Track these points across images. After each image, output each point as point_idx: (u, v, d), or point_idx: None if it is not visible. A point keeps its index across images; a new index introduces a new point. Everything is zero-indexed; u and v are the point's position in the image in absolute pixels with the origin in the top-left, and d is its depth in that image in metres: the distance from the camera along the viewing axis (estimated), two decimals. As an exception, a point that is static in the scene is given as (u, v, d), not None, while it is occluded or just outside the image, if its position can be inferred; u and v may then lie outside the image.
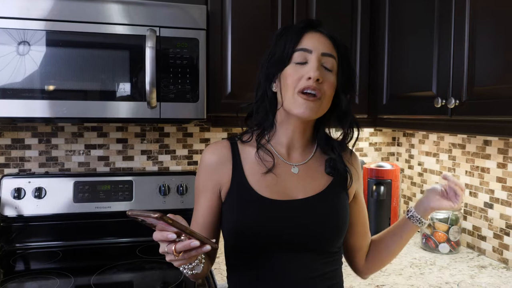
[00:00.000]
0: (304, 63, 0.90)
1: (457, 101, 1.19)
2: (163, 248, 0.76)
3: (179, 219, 0.74)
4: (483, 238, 1.56)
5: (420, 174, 1.93)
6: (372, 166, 1.64)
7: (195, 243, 0.73)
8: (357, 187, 1.03)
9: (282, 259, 0.90)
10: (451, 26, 1.22)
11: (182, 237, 0.74)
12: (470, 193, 1.62)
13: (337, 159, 0.97)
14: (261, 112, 0.96)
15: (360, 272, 1.09)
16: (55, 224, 1.64)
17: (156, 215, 0.68)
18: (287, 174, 0.95)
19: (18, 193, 1.60)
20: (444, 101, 1.23)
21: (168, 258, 0.77)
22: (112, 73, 1.41)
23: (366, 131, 2.09)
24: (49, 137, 1.74)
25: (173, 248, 0.73)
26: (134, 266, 1.47)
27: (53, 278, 1.34)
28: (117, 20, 1.40)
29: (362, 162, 1.85)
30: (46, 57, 1.34)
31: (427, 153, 1.88)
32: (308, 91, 0.88)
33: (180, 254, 0.74)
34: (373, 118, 1.70)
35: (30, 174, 1.67)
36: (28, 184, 1.62)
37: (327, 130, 1.01)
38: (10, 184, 1.60)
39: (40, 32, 1.34)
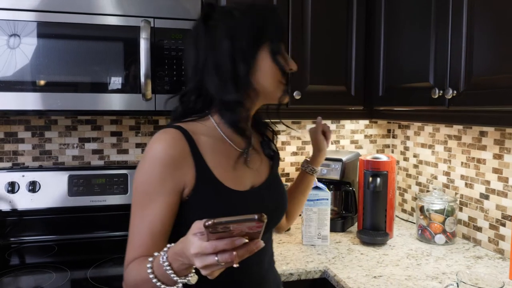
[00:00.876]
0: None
1: (455, 92, 1.18)
2: (209, 260, 0.61)
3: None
4: (479, 229, 1.56)
5: (416, 166, 1.93)
6: (368, 158, 1.64)
7: (261, 243, 0.62)
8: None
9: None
10: (449, 16, 1.22)
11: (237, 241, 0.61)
12: (466, 184, 1.62)
13: (267, 141, 1.02)
14: (206, 100, 0.90)
15: (281, 228, 1.23)
16: (50, 218, 1.62)
17: (257, 216, 0.58)
18: (241, 162, 0.92)
19: (12, 187, 1.58)
20: (441, 91, 1.23)
21: (209, 270, 0.62)
22: (106, 65, 1.39)
23: (361, 123, 2.09)
24: (42, 130, 1.71)
25: (234, 254, 0.60)
26: (131, 259, 1.46)
27: (50, 272, 1.33)
28: (110, 11, 1.38)
29: (357, 154, 1.85)
30: (38, 49, 1.32)
31: (423, 145, 1.88)
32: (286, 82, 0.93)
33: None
34: (369, 110, 1.70)
35: (24, 168, 1.65)
36: (22, 178, 1.60)
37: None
38: (3, 178, 1.58)
39: (32, 23, 1.31)
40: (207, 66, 0.87)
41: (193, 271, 0.71)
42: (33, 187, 1.59)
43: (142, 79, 1.36)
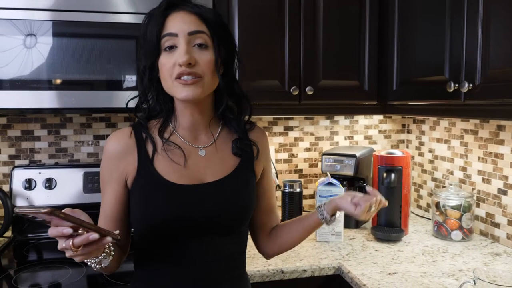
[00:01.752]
0: (173, 47, 0.86)
1: (471, 85, 1.16)
2: (61, 244, 0.70)
3: (77, 213, 0.72)
4: (497, 225, 1.53)
5: (431, 161, 1.90)
6: (383, 153, 1.62)
7: (94, 236, 0.69)
8: (265, 164, 1.03)
9: (192, 244, 0.89)
10: (464, 7, 1.19)
11: (80, 231, 0.69)
12: (483, 179, 1.59)
13: (243, 139, 0.96)
14: (152, 101, 0.94)
15: (263, 251, 1.08)
16: (66, 214, 1.65)
17: (45, 210, 0.63)
18: (194, 157, 0.93)
19: (29, 184, 1.61)
20: (457, 85, 1.20)
21: (68, 254, 0.71)
22: (119, 62, 1.40)
23: (375, 118, 2.06)
24: (58, 128, 1.74)
25: (71, 243, 0.68)
26: (145, 255, 1.47)
27: (66, 267, 1.35)
28: (122, 9, 1.39)
29: (371, 150, 1.83)
30: (53, 48, 1.34)
31: (438, 140, 1.85)
32: (184, 78, 0.85)
33: (80, 249, 0.69)
34: (383, 105, 1.67)
35: (40, 165, 1.68)
36: (39, 175, 1.63)
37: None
38: (21, 175, 1.61)
39: (47, 22, 1.33)
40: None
41: (102, 255, 0.78)
42: (49, 184, 1.62)
43: (155, 76, 1.36)
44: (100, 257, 0.79)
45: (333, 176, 1.65)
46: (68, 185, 1.64)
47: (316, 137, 2.00)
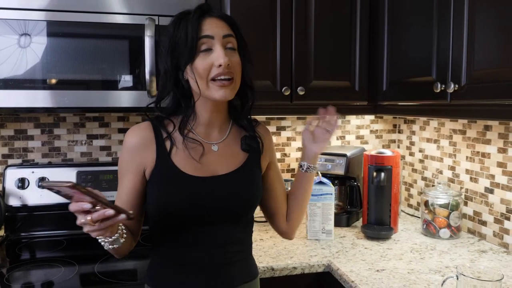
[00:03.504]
0: (209, 49, 0.93)
1: (456, 86, 1.19)
2: (80, 219, 0.77)
3: (96, 191, 0.77)
4: (484, 223, 1.56)
5: (421, 161, 1.93)
6: (373, 152, 1.65)
7: (110, 211, 0.75)
8: (270, 156, 1.12)
9: (204, 230, 0.97)
10: (450, 10, 1.21)
11: (98, 207, 0.75)
12: (471, 178, 1.62)
13: (251, 136, 1.05)
14: (175, 100, 1.00)
15: (285, 233, 1.18)
16: (59, 213, 1.66)
17: (68, 184, 0.70)
18: (208, 152, 1.00)
19: (22, 183, 1.62)
20: (443, 86, 1.23)
21: (85, 229, 0.78)
22: (112, 62, 1.41)
23: (367, 119, 2.09)
24: (51, 127, 1.75)
25: (89, 218, 0.75)
26: (138, 254, 1.47)
27: (58, 266, 1.36)
28: (116, 10, 1.40)
29: (362, 149, 1.85)
30: (47, 47, 1.35)
31: (428, 140, 1.88)
32: (222, 78, 0.93)
33: (97, 224, 0.76)
34: (373, 105, 1.70)
35: (34, 165, 1.69)
36: (32, 174, 1.64)
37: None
38: (14, 174, 1.62)
39: (41, 22, 1.34)
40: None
41: (116, 235, 0.85)
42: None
43: (147, 76, 1.38)
44: (113, 237, 0.85)
45: (324, 175, 1.67)
46: (61, 184, 1.65)
47: (308, 137, 2.02)
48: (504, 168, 1.47)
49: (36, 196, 1.63)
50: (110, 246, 0.87)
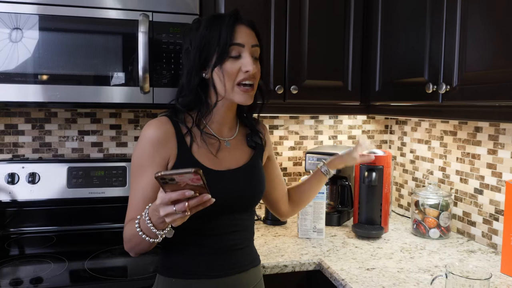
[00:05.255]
0: (238, 56, 1.01)
1: (448, 87, 1.20)
2: (169, 209, 0.78)
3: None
4: (473, 224, 1.58)
5: (412, 162, 1.95)
6: (364, 152, 1.65)
7: (208, 196, 0.78)
8: (270, 151, 1.24)
9: (220, 219, 1.03)
10: (443, 13, 1.23)
11: (193, 194, 0.77)
12: (461, 179, 1.64)
13: (255, 134, 1.15)
14: (195, 97, 1.05)
15: (284, 216, 1.34)
16: (49, 209, 1.65)
17: (192, 170, 0.73)
18: (222, 148, 1.08)
19: (12, 178, 1.60)
20: (435, 86, 1.24)
21: (171, 218, 0.79)
22: (105, 58, 1.40)
23: (359, 119, 2.10)
24: (42, 122, 1.73)
25: (186, 204, 0.77)
26: (128, 250, 1.48)
27: (48, 262, 1.35)
28: (109, 5, 1.39)
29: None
30: (39, 42, 1.34)
31: (419, 140, 1.89)
32: (246, 83, 1.02)
33: (188, 210, 0.78)
34: (366, 105, 1.71)
35: (24, 160, 1.67)
36: (22, 170, 1.62)
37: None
38: (3, 169, 1.60)
39: (33, 16, 1.33)
40: (183, 70, 1.07)
41: (169, 226, 0.88)
42: (33, 178, 1.61)
43: (140, 72, 1.37)
44: (168, 228, 0.89)
45: (316, 174, 1.67)
46: (52, 180, 1.64)
47: (301, 136, 2.03)
48: (493, 169, 1.48)
49: (26, 192, 1.61)
50: (161, 237, 0.89)
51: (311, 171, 1.67)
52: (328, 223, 1.71)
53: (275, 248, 1.46)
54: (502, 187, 1.44)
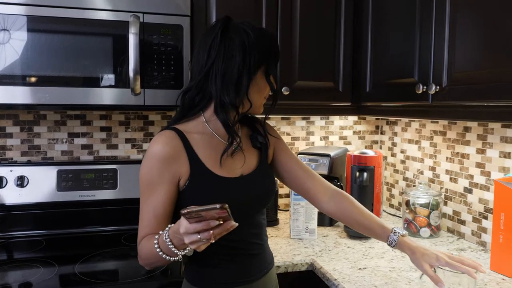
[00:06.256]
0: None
1: (438, 87, 1.21)
2: (194, 237, 0.79)
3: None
4: (463, 222, 1.60)
5: (403, 162, 1.96)
6: (356, 153, 1.67)
7: (232, 224, 0.79)
8: (274, 143, 1.19)
9: (243, 224, 0.98)
10: (432, 14, 1.24)
11: (216, 223, 0.78)
12: (451, 178, 1.66)
13: (257, 133, 1.14)
14: (239, 98, 1.01)
15: (326, 212, 1.20)
16: (38, 213, 1.63)
17: (219, 206, 0.74)
18: (232, 153, 1.06)
19: (0, 182, 1.58)
20: (425, 87, 1.25)
21: (196, 245, 0.80)
22: (95, 59, 1.39)
23: (350, 120, 2.11)
24: (31, 125, 1.71)
25: (211, 232, 0.78)
26: (119, 253, 1.47)
27: (37, 266, 1.33)
28: (100, 6, 1.38)
29: (345, 150, 1.87)
30: (27, 43, 1.32)
31: (410, 141, 1.91)
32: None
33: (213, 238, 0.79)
34: (357, 106, 1.72)
35: (12, 163, 1.65)
36: (10, 173, 1.60)
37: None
38: (-9, 172, 1.58)
39: (21, 17, 1.31)
40: (213, 70, 1.00)
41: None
42: (21, 182, 1.59)
43: (131, 74, 1.37)
44: (188, 248, 0.88)
45: (307, 175, 1.68)
46: (41, 183, 1.62)
47: (292, 137, 2.03)
48: (482, 168, 1.50)
49: (14, 195, 1.59)
50: (182, 256, 0.90)
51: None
52: (321, 223, 1.72)
53: (267, 249, 1.46)
54: (491, 186, 1.46)
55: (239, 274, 1.05)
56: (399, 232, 1.09)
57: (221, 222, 0.78)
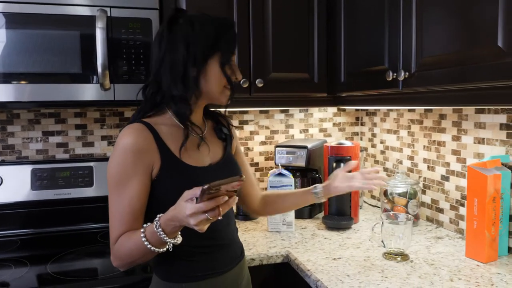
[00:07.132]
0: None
1: (407, 73, 1.20)
2: (201, 217, 0.79)
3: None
4: (441, 211, 1.59)
5: (382, 152, 1.96)
6: (333, 144, 1.66)
7: (236, 197, 0.81)
8: (236, 143, 1.23)
9: None
10: (400, 2, 1.23)
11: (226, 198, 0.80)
12: (428, 167, 1.65)
13: (222, 125, 1.16)
14: (185, 91, 1.01)
15: (255, 213, 1.31)
16: (13, 212, 1.60)
17: (239, 177, 0.78)
18: (198, 144, 1.06)
19: (-27, 183, 1.55)
20: (395, 74, 1.24)
21: (202, 225, 0.81)
22: (64, 55, 1.37)
23: (330, 112, 2.10)
24: (4, 124, 1.69)
25: (220, 210, 0.80)
26: (95, 251, 1.45)
27: (9, 265, 1.31)
28: (67, 1, 1.36)
29: (324, 141, 1.86)
30: (-2, 39, 1.30)
31: (388, 131, 1.90)
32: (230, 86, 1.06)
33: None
34: (333, 97, 1.71)
35: (-15, 163, 1.62)
36: (-17, 173, 1.57)
37: None
38: (-37, 173, 1.56)
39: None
40: (163, 64, 1.00)
41: (179, 233, 0.89)
42: (-5, 181, 1.57)
43: (99, 69, 1.35)
44: (179, 235, 0.90)
45: (286, 168, 1.67)
46: (15, 182, 1.59)
47: (272, 131, 2.02)
48: (458, 155, 1.50)
49: (-13, 196, 1.57)
50: (172, 245, 0.89)
51: (279, 165, 1.67)
52: (300, 216, 1.71)
53: (244, 242, 1.42)
54: (467, 173, 1.46)
55: (210, 266, 1.03)
56: (318, 185, 1.22)
57: (227, 197, 0.80)
